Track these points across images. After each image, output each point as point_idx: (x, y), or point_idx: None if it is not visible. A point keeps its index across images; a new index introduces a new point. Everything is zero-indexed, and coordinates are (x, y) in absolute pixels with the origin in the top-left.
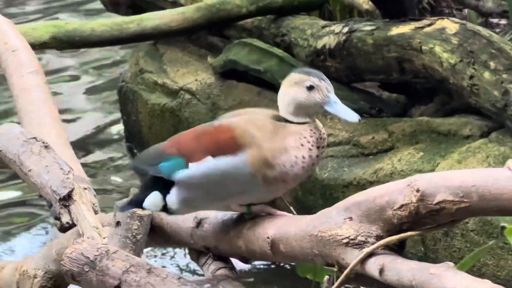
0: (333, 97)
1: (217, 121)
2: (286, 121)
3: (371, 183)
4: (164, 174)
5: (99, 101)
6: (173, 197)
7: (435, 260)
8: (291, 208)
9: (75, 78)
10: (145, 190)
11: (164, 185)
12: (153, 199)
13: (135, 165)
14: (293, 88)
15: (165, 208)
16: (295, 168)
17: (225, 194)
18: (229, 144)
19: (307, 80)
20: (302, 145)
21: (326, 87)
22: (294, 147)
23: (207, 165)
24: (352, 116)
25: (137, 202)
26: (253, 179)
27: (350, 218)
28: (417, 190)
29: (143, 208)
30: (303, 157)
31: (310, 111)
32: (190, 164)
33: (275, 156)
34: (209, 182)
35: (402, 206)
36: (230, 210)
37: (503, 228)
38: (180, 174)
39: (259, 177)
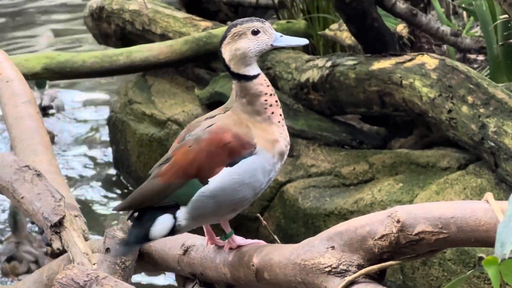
0: (276, 33)
1: (197, 137)
2: (240, 78)
3: (352, 213)
4: (179, 201)
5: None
6: (183, 215)
7: None
8: (275, 236)
9: None
10: (146, 222)
11: (163, 209)
12: (163, 223)
13: (125, 207)
14: (241, 40)
15: (172, 230)
16: (285, 132)
17: (251, 194)
18: (240, 146)
19: (251, 27)
20: (270, 105)
21: (268, 26)
22: (272, 116)
23: (235, 172)
24: (301, 41)
25: (143, 237)
26: (274, 161)
27: (333, 247)
28: (398, 221)
29: (149, 240)
30: (281, 115)
31: (260, 54)
32: (210, 180)
33: (269, 131)
34: (234, 188)
35: (383, 236)
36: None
37: (480, 259)
38: (201, 193)
39: (277, 156)
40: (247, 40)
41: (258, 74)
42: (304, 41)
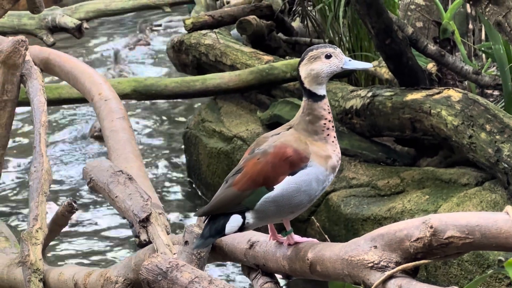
0: (346, 57)
1: (264, 150)
2: (310, 95)
3: (385, 219)
4: (249, 205)
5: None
6: (251, 216)
7: (435, 284)
8: (326, 236)
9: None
10: (219, 221)
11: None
12: (234, 222)
13: (205, 213)
14: (316, 62)
15: (242, 227)
16: (337, 150)
17: (306, 199)
18: (299, 160)
19: (325, 52)
20: (328, 128)
21: (339, 51)
22: (328, 137)
23: (294, 180)
24: (366, 65)
25: (217, 233)
26: (326, 173)
27: (375, 247)
28: (431, 227)
29: (223, 234)
30: (334, 137)
31: (332, 75)
32: (275, 187)
33: (324, 148)
34: (292, 194)
35: (418, 239)
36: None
37: (500, 261)
38: (266, 198)
39: (329, 169)
40: (321, 63)
41: (324, 97)
42: (369, 65)
